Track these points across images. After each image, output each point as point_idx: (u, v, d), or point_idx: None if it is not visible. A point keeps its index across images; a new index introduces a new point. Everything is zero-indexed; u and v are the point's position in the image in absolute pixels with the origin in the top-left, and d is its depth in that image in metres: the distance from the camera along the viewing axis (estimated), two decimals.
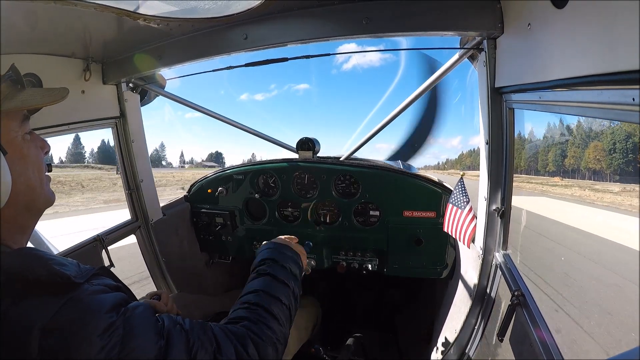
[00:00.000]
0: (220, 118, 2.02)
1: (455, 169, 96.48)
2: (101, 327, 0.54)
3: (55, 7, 1.00)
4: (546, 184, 13.34)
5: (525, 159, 12.79)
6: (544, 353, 0.91)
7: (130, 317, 0.59)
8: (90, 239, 1.63)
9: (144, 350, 0.57)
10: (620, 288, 3.81)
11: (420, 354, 1.95)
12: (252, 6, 1.19)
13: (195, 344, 0.65)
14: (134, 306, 0.62)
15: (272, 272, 0.95)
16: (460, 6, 1.09)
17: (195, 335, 0.66)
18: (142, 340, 0.58)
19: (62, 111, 1.46)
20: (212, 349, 0.67)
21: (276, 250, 1.05)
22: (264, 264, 0.98)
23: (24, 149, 0.66)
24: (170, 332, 0.63)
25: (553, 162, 15.37)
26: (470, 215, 1.38)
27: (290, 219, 2.07)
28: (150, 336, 0.60)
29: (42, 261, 0.57)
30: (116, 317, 0.57)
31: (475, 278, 1.40)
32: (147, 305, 0.65)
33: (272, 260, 0.99)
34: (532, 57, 0.91)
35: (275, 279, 0.93)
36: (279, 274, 0.94)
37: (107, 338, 0.54)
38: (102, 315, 0.55)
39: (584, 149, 15.39)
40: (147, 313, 0.63)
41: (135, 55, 1.54)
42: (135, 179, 1.87)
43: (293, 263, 1.02)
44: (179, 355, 0.61)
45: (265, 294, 0.87)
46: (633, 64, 0.53)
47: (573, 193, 10.43)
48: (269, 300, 0.86)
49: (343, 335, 2.04)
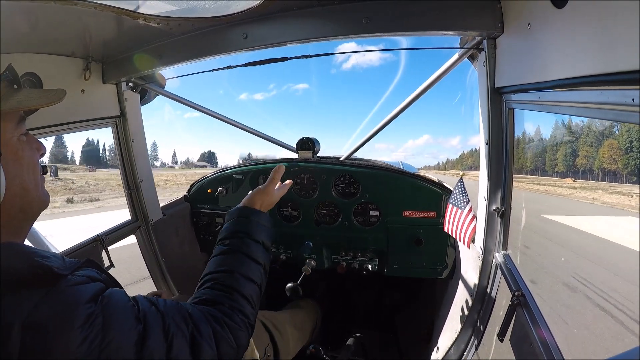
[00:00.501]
0: (220, 117, 2.02)
1: (456, 169, 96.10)
2: (81, 319, 0.53)
3: (55, 7, 1.00)
4: (558, 185, 12.94)
5: (531, 159, 12.66)
6: (545, 353, 0.90)
7: (108, 304, 0.58)
8: (90, 239, 1.63)
9: (125, 337, 0.57)
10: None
11: (420, 354, 1.94)
12: (252, 6, 1.19)
13: (171, 327, 0.64)
14: (110, 292, 0.62)
15: (246, 250, 0.90)
16: (460, 6, 1.09)
17: (170, 318, 0.66)
18: (122, 327, 0.58)
19: (62, 111, 1.46)
20: (189, 330, 0.67)
21: (249, 220, 0.98)
22: (237, 236, 0.93)
23: (19, 150, 0.65)
24: (146, 315, 0.63)
25: (563, 162, 15.12)
26: (470, 216, 1.38)
27: (290, 219, 2.07)
28: (129, 322, 0.59)
29: (24, 255, 0.57)
30: (95, 306, 0.56)
31: (476, 278, 1.40)
32: (122, 291, 0.65)
33: (246, 234, 0.94)
34: (532, 57, 0.91)
35: (249, 258, 0.89)
36: (253, 252, 0.91)
37: (88, 329, 0.53)
38: (81, 307, 0.55)
39: (598, 148, 15.03)
40: (124, 298, 0.63)
41: (135, 55, 1.54)
42: (135, 179, 1.87)
43: (266, 235, 0.98)
44: (156, 339, 0.61)
45: (240, 276, 0.84)
46: (633, 64, 0.53)
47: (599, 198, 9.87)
48: (243, 283, 0.84)
49: (343, 335, 2.04)
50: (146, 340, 0.59)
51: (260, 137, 2.10)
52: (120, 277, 0.80)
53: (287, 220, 2.07)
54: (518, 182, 14.57)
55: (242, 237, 0.93)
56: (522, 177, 21.93)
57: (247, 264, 0.88)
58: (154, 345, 0.60)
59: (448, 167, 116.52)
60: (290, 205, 2.05)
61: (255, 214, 1.01)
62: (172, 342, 0.63)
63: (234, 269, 0.85)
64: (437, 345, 1.67)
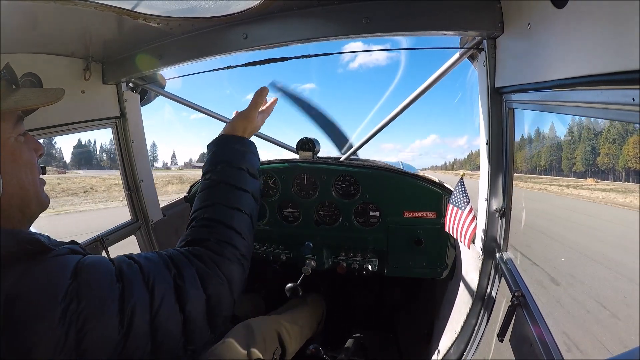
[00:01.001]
0: (220, 118, 2.02)
1: (465, 169, 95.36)
2: (63, 289, 0.53)
3: (55, 7, 0.99)
4: (580, 187, 11.52)
5: (545, 158, 11.99)
6: (545, 354, 0.90)
7: (85, 270, 0.58)
8: (91, 239, 1.63)
9: (104, 298, 0.57)
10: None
11: (420, 354, 1.94)
12: (252, 5, 1.19)
13: (151, 276, 0.63)
14: (86, 258, 0.61)
15: (227, 179, 0.83)
16: (460, 6, 1.09)
17: (150, 268, 0.64)
18: (100, 289, 0.57)
19: (62, 111, 1.46)
20: (172, 274, 0.65)
21: (227, 148, 0.90)
22: (216, 168, 0.86)
23: (17, 151, 0.64)
24: (123, 272, 0.61)
25: (582, 162, 14.16)
26: (470, 216, 1.38)
27: (290, 220, 2.07)
28: (107, 283, 0.58)
29: (11, 234, 0.57)
30: (74, 277, 0.56)
31: (476, 278, 1.40)
32: (100, 256, 0.65)
33: (226, 164, 0.87)
34: (532, 57, 0.91)
35: (232, 187, 0.83)
36: (236, 180, 0.84)
37: (67, 297, 0.53)
38: (63, 277, 0.55)
39: (621, 145, 13.97)
40: (100, 260, 0.63)
41: (136, 55, 1.54)
42: (135, 180, 1.87)
43: (249, 161, 0.89)
44: (138, 292, 0.60)
45: (223, 207, 0.79)
46: (633, 64, 0.53)
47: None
48: (228, 213, 0.78)
49: (343, 335, 2.04)
50: (126, 295, 0.58)
51: (260, 137, 2.10)
52: None
53: (287, 220, 2.07)
54: (535, 183, 13.57)
55: (222, 167, 0.86)
56: (536, 178, 21.01)
57: (230, 193, 0.81)
58: (136, 298, 0.59)
59: (456, 167, 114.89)
60: (290, 205, 2.05)
61: (234, 140, 0.93)
62: (154, 292, 0.61)
63: (216, 200, 0.80)
64: (437, 345, 1.67)
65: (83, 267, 0.58)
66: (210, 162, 0.89)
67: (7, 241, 0.55)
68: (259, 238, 2.17)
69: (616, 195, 9.85)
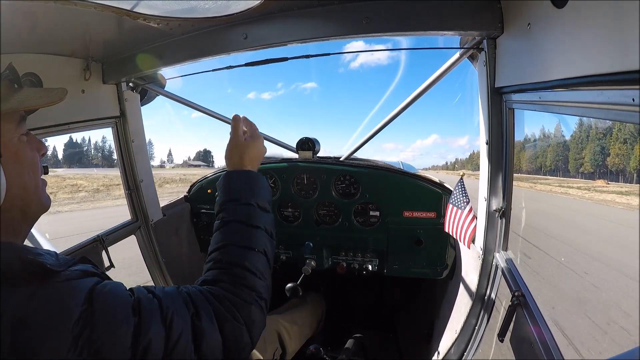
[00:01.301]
0: (220, 117, 2.02)
1: (467, 168, 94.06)
2: (75, 315, 0.52)
3: (55, 7, 0.99)
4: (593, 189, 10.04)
5: (551, 158, 11.15)
6: (545, 353, 0.90)
7: (102, 297, 0.56)
8: (91, 239, 1.63)
9: (119, 329, 0.55)
10: None
11: (420, 354, 1.94)
12: (252, 6, 1.19)
13: (169, 312, 0.61)
14: (104, 285, 0.59)
15: (235, 217, 0.82)
16: (460, 6, 1.09)
17: (169, 303, 0.62)
18: (116, 321, 0.55)
19: (62, 111, 1.46)
20: (190, 314, 0.63)
21: (232, 185, 0.88)
22: (226, 207, 0.85)
23: (19, 151, 0.63)
24: (142, 306, 0.59)
25: (591, 162, 13.11)
26: (470, 216, 1.38)
27: (290, 220, 2.07)
28: (123, 314, 0.57)
29: (16, 251, 0.55)
30: (87, 302, 0.54)
31: (476, 278, 1.40)
32: (117, 283, 0.62)
33: (234, 202, 0.85)
34: (532, 57, 0.91)
35: (241, 224, 0.81)
36: (246, 218, 0.82)
37: (80, 325, 0.51)
38: (75, 302, 0.53)
39: (633, 145, 12.56)
40: (118, 289, 0.60)
41: (136, 55, 1.54)
42: (135, 179, 1.87)
43: (258, 194, 0.87)
44: (155, 327, 0.58)
45: (235, 247, 0.77)
46: (633, 64, 0.53)
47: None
48: (240, 253, 0.77)
49: (343, 335, 2.04)
50: (142, 330, 0.56)
51: None
52: None
53: (287, 220, 2.07)
54: (544, 184, 12.44)
55: (231, 205, 0.84)
56: (542, 179, 19.98)
57: (241, 233, 0.80)
58: (152, 333, 0.57)
59: (458, 167, 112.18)
60: (290, 205, 2.05)
61: (239, 175, 0.91)
62: (172, 329, 0.60)
63: (228, 241, 0.79)
64: (437, 345, 1.67)
65: (99, 293, 0.56)
66: (220, 201, 0.88)
67: (12, 259, 0.53)
68: None
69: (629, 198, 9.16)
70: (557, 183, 11.39)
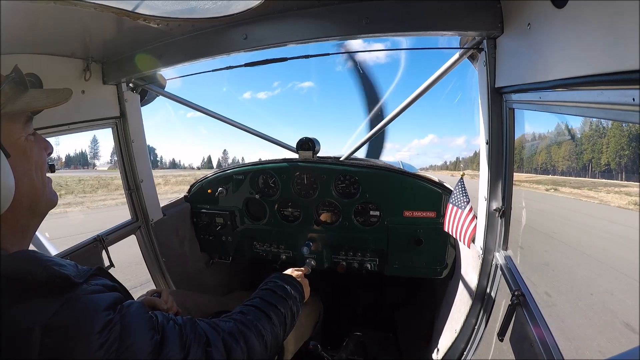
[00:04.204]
0: (220, 118, 2.02)
1: (471, 168, 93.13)
2: (99, 325, 0.55)
3: (55, 7, 1.00)
4: None
5: (563, 159, 9.81)
6: (544, 353, 0.91)
7: (126, 314, 0.60)
8: (91, 239, 1.63)
9: (141, 345, 0.59)
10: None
11: (420, 353, 1.95)
12: (252, 6, 1.19)
13: (189, 338, 0.67)
14: (129, 304, 0.64)
15: (273, 287, 1.03)
16: (460, 6, 1.09)
17: (188, 330, 0.69)
18: (139, 336, 0.60)
19: (63, 111, 1.46)
20: (203, 342, 0.70)
21: (279, 276, 1.14)
22: (267, 285, 1.07)
23: (27, 150, 0.65)
24: (164, 327, 0.65)
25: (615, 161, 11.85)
26: (470, 216, 1.38)
27: (290, 219, 2.07)
28: (145, 332, 0.61)
29: (41, 263, 0.58)
30: (113, 314, 0.58)
31: (476, 278, 1.40)
32: (140, 303, 0.67)
33: (274, 282, 1.09)
34: (532, 57, 0.91)
35: (274, 292, 1.01)
36: (279, 290, 1.03)
37: (105, 335, 0.55)
38: (99, 314, 0.56)
39: None
40: (142, 310, 0.65)
41: (136, 55, 1.54)
42: (135, 179, 1.87)
43: (294, 287, 1.10)
44: (174, 349, 0.63)
45: (263, 301, 0.94)
46: (633, 64, 0.53)
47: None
48: (265, 304, 0.92)
49: (343, 334, 2.04)
50: (163, 349, 0.61)
51: (261, 137, 2.10)
52: None
53: (287, 220, 2.07)
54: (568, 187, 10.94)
55: (271, 284, 1.08)
56: (559, 179, 18.63)
57: (271, 295, 0.99)
58: (172, 354, 0.62)
59: (461, 167, 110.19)
60: (290, 205, 2.05)
61: (286, 275, 1.16)
62: (189, 353, 0.65)
63: (258, 296, 0.98)
64: (436, 344, 1.67)
65: (124, 307, 0.61)
66: (264, 282, 1.10)
67: (39, 270, 0.56)
68: (259, 238, 2.17)
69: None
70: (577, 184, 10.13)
